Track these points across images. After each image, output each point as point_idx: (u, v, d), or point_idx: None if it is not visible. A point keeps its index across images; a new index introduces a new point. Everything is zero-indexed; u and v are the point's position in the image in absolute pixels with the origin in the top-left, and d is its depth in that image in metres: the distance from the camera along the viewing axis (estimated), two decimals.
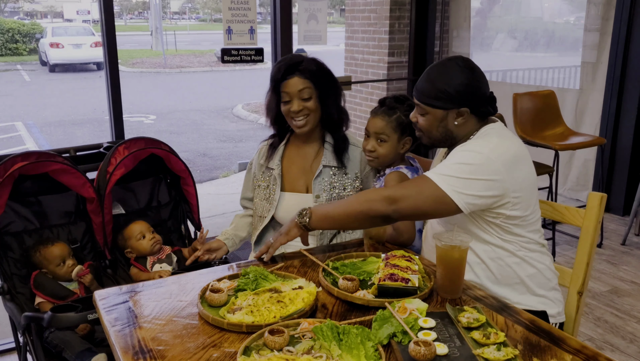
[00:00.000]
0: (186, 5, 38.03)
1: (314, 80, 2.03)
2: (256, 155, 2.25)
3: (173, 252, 2.35)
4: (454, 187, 1.57)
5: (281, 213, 2.13)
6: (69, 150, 2.42)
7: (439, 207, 1.60)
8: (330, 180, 2.09)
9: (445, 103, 1.66)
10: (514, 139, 1.70)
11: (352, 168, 2.13)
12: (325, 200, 2.08)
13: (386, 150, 1.98)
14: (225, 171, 7.18)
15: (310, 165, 2.14)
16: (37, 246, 2.17)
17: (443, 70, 1.68)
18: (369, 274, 1.62)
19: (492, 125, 1.71)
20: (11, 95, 12.41)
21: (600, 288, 3.34)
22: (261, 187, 2.19)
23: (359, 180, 2.14)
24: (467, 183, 1.58)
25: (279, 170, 2.14)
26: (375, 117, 1.99)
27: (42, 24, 21.62)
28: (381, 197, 1.62)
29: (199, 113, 11.03)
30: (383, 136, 1.97)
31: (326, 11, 3.79)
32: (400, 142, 1.98)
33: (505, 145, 1.65)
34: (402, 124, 1.94)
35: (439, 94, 1.66)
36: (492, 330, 1.30)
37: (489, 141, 1.65)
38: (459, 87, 1.64)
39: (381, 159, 2.00)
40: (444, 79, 1.66)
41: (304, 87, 2.02)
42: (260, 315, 1.38)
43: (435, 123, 1.70)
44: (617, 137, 4.48)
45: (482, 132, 1.70)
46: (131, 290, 1.60)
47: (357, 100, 6.07)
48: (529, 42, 5.72)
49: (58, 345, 1.96)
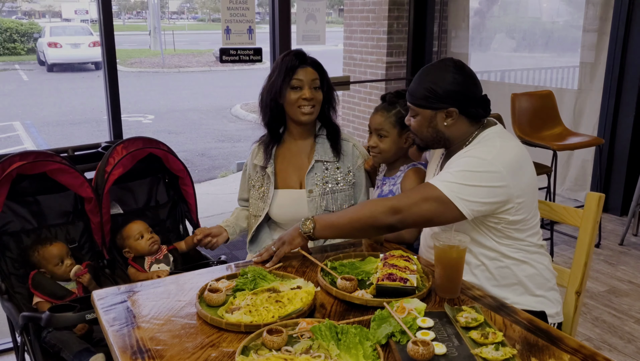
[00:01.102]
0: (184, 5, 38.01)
1: (321, 73, 2.11)
2: (250, 155, 2.26)
3: (168, 250, 2.34)
4: (459, 194, 1.57)
5: (275, 210, 2.14)
6: (67, 150, 2.42)
7: (443, 214, 1.60)
8: (323, 175, 2.11)
9: (432, 103, 1.66)
10: (516, 143, 1.70)
11: (345, 163, 2.15)
12: (319, 194, 2.09)
13: (387, 146, 1.98)
14: (223, 171, 7.18)
15: (303, 160, 2.16)
16: (35, 246, 2.16)
17: (432, 71, 1.69)
18: (368, 274, 1.62)
19: (494, 129, 1.71)
20: (9, 94, 12.38)
21: (598, 288, 3.34)
22: (255, 187, 2.20)
23: (351, 174, 2.15)
24: (472, 190, 1.58)
25: (272, 168, 2.15)
26: (375, 113, 2.00)
27: (40, 23, 21.59)
28: (385, 207, 1.62)
29: (197, 113, 11.03)
30: (383, 132, 1.98)
31: (325, 11, 3.79)
32: (401, 137, 1.98)
33: (508, 151, 1.64)
34: (401, 119, 1.94)
35: (426, 94, 1.66)
36: (491, 330, 1.30)
37: (493, 146, 1.65)
38: (447, 87, 1.65)
39: (384, 154, 2.01)
40: (432, 79, 1.66)
41: (315, 77, 2.09)
42: (259, 314, 1.38)
43: (425, 124, 1.70)
44: (615, 137, 4.49)
45: (484, 136, 1.69)
46: (129, 289, 1.60)
47: (356, 100, 6.07)
48: (527, 42, 5.72)
49: (56, 345, 1.95)
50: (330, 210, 2.10)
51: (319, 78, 2.09)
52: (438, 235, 1.57)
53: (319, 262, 1.68)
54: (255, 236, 2.20)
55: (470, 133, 1.71)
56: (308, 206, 2.10)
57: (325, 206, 2.09)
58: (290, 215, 2.13)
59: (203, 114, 11.00)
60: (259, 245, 2.18)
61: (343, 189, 2.12)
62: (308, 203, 2.10)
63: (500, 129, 1.73)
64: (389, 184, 2.04)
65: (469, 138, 1.71)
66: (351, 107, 6.15)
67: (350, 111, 6.17)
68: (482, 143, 1.68)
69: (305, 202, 2.10)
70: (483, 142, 1.68)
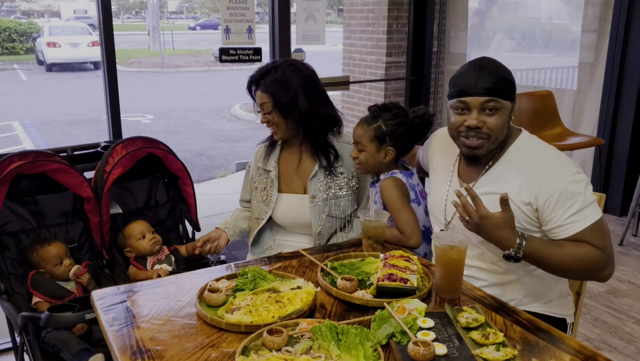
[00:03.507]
0: (184, 5, 37.99)
1: (273, 95, 2.01)
2: (253, 157, 2.24)
3: (170, 251, 2.34)
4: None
5: (278, 214, 2.13)
6: (66, 150, 2.42)
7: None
8: (326, 180, 2.09)
9: (513, 93, 1.65)
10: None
11: (348, 168, 2.11)
12: (322, 200, 2.08)
13: (365, 158, 1.93)
14: (222, 171, 7.17)
15: (306, 165, 2.13)
16: (35, 246, 2.16)
17: (497, 64, 1.64)
18: (368, 274, 1.61)
19: (529, 134, 1.71)
20: (8, 94, 12.38)
21: (598, 289, 3.34)
22: (258, 189, 2.18)
23: (355, 179, 2.13)
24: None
25: (275, 172, 2.13)
26: (357, 125, 1.96)
27: (39, 23, 21.59)
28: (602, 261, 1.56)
29: (196, 113, 11.02)
30: (360, 145, 1.93)
31: (324, 11, 3.78)
32: (379, 152, 1.92)
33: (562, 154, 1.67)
34: (380, 134, 1.90)
35: (509, 85, 1.63)
36: (491, 330, 1.29)
37: (559, 153, 1.65)
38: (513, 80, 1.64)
39: (363, 166, 1.96)
40: (505, 70, 1.64)
41: (263, 101, 2.03)
42: (259, 315, 1.38)
43: (507, 118, 1.65)
44: (614, 137, 4.49)
45: (541, 144, 1.68)
46: (129, 289, 1.59)
47: (355, 100, 6.07)
48: (527, 42, 5.72)
49: (55, 345, 1.95)
50: (333, 216, 2.08)
51: (269, 101, 2.00)
52: (439, 235, 1.57)
53: (319, 262, 1.67)
54: (257, 238, 2.18)
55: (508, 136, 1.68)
56: (311, 212, 2.07)
57: (328, 212, 2.08)
58: (292, 219, 2.12)
59: (202, 114, 10.99)
60: (261, 246, 2.17)
61: (346, 195, 2.10)
62: (311, 208, 2.07)
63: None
64: (373, 192, 1.99)
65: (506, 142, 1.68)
66: (350, 107, 6.15)
67: (349, 111, 6.17)
68: (550, 151, 1.66)
69: (308, 208, 2.09)
70: (549, 150, 1.66)
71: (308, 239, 2.13)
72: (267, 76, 2.01)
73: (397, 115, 1.92)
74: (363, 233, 1.82)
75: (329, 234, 2.10)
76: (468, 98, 1.60)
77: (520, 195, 1.60)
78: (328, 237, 2.10)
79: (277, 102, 2.00)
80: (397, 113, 1.92)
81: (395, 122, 1.91)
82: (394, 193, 1.89)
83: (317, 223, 2.07)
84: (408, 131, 1.92)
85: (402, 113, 1.92)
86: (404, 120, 1.92)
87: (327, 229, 2.08)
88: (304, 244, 2.11)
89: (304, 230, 2.13)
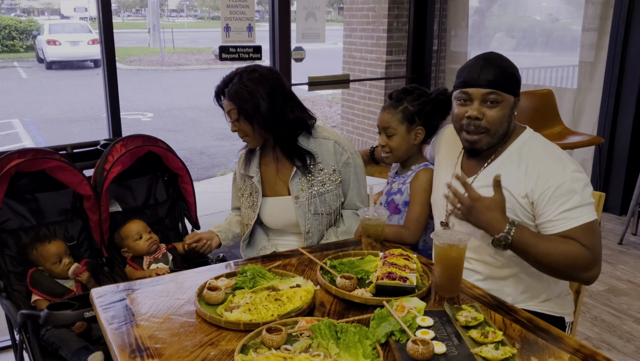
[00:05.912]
0: (184, 3, 37.95)
1: (236, 102, 2.00)
2: (237, 164, 2.24)
3: (167, 249, 2.34)
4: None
5: (266, 218, 2.14)
6: (66, 148, 2.42)
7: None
8: (307, 179, 2.08)
9: (516, 88, 1.66)
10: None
11: (327, 162, 2.08)
12: (306, 199, 2.06)
13: (396, 143, 1.96)
14: (222, 169, 7.16)
15: (285, 168, 2.11)
16: (34, 243, 2.16)
17: (502, 58, 1.65)
18: (367, 272, 1.61)
19: (532, 131, 1.71)
20: (8, 92, 12.36)
21: (598, 288, 3.34)
22: (244, 196, 2.19)
23: (337, 173, 2.09)
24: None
25: (258, 177, 2.13)
26: (382, 112, 1.99)
27: (39, 20, 21.56)
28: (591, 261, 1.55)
29: (196, 111, 11.01)
30: (390, 130, 1.96)
31: (325, 9, 3.78)
32: (410, 133, 1.96)
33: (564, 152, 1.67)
34: (409, 115, 1.93)
35: (513, 79, 1.64)
36: (490, 329, 1.29)
37: (561, 152, 1.65)
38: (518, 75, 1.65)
39: (395, 153, 1.98)
40: (510, 65, 1.65)
41: (229, 109, 2.03)
42: (258, 313, 1.38)
43: (508, 112, 1.66)
44: (614, 136, 4.48)
45: (543, 141, 1.68)
46: (128, 287, 1.59)
47: (355, 99, 6.07)
48: (527, 41, 5.72)
49: (54, 343, 1.95)
50: (319, 213, 2.08)
51: (234, 108, 2.00)
52: (438, 234, 1.57)
53: (318, 260, 1.67)
54: (250, 241, 2.19)
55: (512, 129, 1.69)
56: (296, 212, 2.07)
57: (313, 210, 2.07)
58: (281, 221, 2.13)
59: (202, 112, 10.98)
60: (254, 248, 2.17)
61: (330, 189, 2.08)
62: (296, 209, 2.06)
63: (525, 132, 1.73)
64: (398, 182, 2.02)
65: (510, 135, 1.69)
66: (350, 106, 6.14)
67: (349, 110, 6.17)
68: (551, 148, 1.66)
69: (293, 209, 2.08)
70: (550, 147, 1.66)
71: (299, 238, 2.13)
72: (230, 84, 2.02)
73: (420, 94, 1.96)
74: (362, 231, 1.82)
75: (319, 232, 2.10)
76: (470, 90, 1.62)
77: (518, 188, 1.62)
78: (319, 234, 2.10)
79: (241, 109, 2.00)
80: (420, 93, 1.96)
81: (421, 101, 1.95)
82: (425, 186, 1.93)
83: (304, 223, 2.07)
84: (434, 108, 1.96)
85: (424, 93, 1.97)
86: (428, 98, 1.96)
87: (316, 227, 2.08)
88: (295, 243, 2.12)
89: (293, 230, 2.13)
